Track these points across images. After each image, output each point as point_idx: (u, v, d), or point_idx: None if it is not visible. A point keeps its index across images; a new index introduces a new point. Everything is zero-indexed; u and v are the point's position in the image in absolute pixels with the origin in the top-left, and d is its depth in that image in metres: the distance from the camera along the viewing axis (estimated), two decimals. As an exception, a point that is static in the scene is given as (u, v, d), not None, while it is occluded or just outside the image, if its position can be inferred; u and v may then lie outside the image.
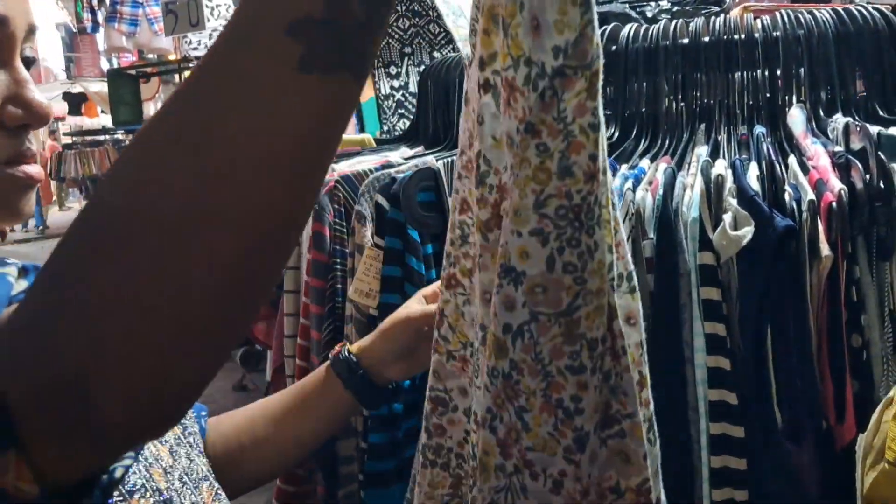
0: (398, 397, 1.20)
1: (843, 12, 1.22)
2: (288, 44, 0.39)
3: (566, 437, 0.65)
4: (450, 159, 1.28)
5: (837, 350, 1.02)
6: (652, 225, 1.05)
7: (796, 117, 1.18)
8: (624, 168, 1.13)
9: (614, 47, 1.29)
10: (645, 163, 1.16)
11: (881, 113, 1.17)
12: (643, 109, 1.27)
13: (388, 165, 1.38)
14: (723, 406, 1.02)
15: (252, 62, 0.39)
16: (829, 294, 1.02)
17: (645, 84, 1.27)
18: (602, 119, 0.59)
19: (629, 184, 1.06)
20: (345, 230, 1.34)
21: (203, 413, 0.92)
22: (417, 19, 2.30)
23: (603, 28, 1.31)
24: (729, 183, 1.03)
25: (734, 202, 1.01)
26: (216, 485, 0.81)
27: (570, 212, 0.59)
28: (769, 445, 1.01)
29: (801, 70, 1.21)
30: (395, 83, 2.29)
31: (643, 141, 1.25)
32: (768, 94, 1.23)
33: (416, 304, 1.02)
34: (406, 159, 1.45)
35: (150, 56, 8.07)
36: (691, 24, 1.26)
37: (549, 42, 0.54)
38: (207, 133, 0.39)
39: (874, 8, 1.22)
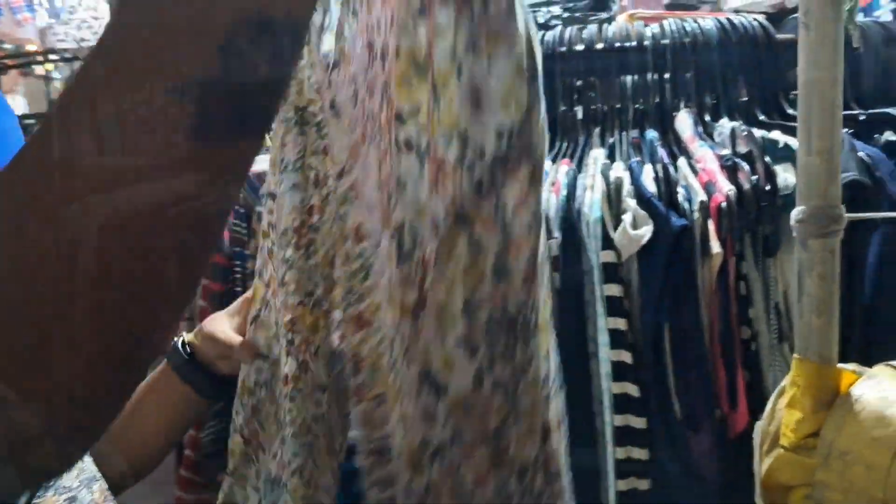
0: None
1: (725, 22, 1.29)
2: None
3: None
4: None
5: (728, 342, 1.08)
6: (556, 224, 1.09)
7: (684, 121, 1.24)
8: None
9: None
10: (546, 164, 1.19)
11: (761, 117, 1.25)
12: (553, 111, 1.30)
13: (289, 168, 1.36)
14: (626, 398, 1.06)
15: None
16: (720, 289, 1.09)
17: (553, 88, 1.31)
18: (542, 211, 0.51)
19: (534, 186, 1.09)
20: (245, 232, 1.32)
21: None
22: None
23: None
24: (627, 185, 1.08)
25: (633, 203, 1.05)
26: (105, 485, 0.79)
27: (505, 322, 0.50)
28: (669, 434, 1.06)
29: (688, 76, 1.28)
30: None
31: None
32: (657, 100, 1.29)
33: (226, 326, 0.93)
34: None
35: (8, 46, 7.63)
36: (585, 32, 1.30)
37: (492, 120, 0.46)
38: None
39: (753, 18, 1.30)
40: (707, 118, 1.26)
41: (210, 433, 1.29)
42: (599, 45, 1.29)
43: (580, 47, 1.30)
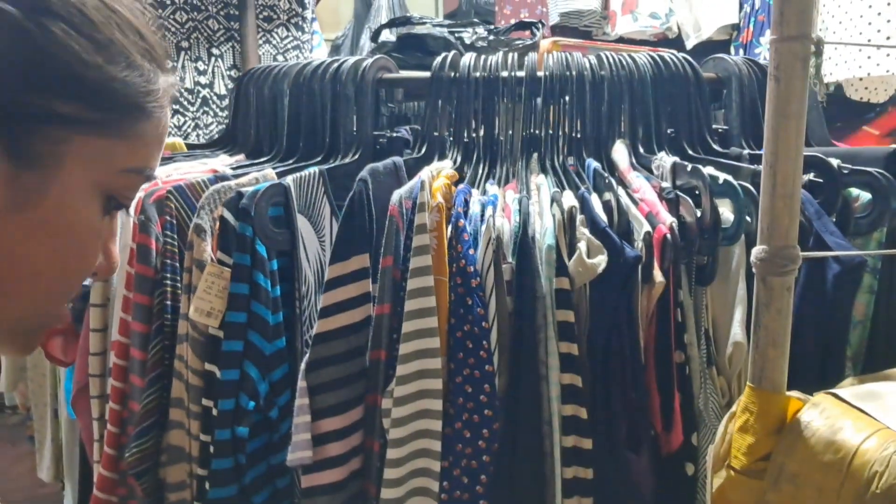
0: (242, 420, 1.16)
1: (658, 58, 1.36)
2: None
3: None
4: (297, 174, 1.25)
5: (666, 365, 1.14)
6: (510, 250, 1.11)
7: (620, 152, 1.30)
8: (477, 194, 1.18)
9: (455, 74, 1.34)
10: (493, 189, 1.22)
11: (689, 152, 1.32)
12: (482, 135, 1.32)
13: (222, 177, 1.32)
14: (574, 420, 1.10)
15: None
16: (658, 315, 1.14)
17: (483, 111, 1.33)
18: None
19: (489, 210, 1.11)
20: (176, 244, 1.27)
21: None
22: (195, 13, 2.23)
23: (444, 55, 1.36)
24: (579, 214, 1.11)
25: (587, 232, 1.09)
26: None
27: None
28: (613, 455, 1.10)
29: (623, 108, 1.33)
30: None
31: (482, 167, 1.31)
32: (593, 130, 1.34)
33: None
34: (234, 169, 1.40)
35: None
36: (527, 58, 1.34)
37: None
38: None
39: (683, 56, 1.37)
40: (640, 150, 1.32)
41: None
42: (540, 73, 1.33)
43: (521, 73, 1.33)
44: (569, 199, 1.13)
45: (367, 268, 1.09)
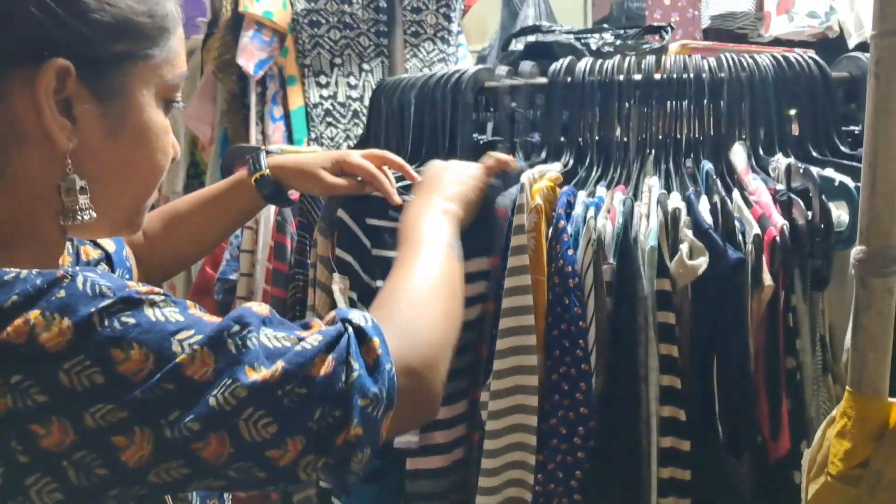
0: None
1: (781, 59, 1.32)
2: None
3: None
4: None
5: (775, 371, 1.11)
6: (612, 251, 1.12)
7: (738, 154, 1.28)
8: (583, 195, 1.20)
9: (570, 79, 1.36)
10: (601, 191, 1.23)
11: (814, 154, 1.28)
12: (596, 139, 1.34)
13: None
14: (673, 422, 1.09)
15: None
16: (768, 320, 1.12)
17: (598, 115, 1.35)
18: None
19: (591, 211, 1.13)
20: (307, 242, 1.37)
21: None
22: (348, 31, 2.35)
23: (561, 61, 1.38)
24: (684, 215, 1.11)
25: (690, 233, 1.09)
26: None
27: None
28: (712, 458, 1.09)
29: (743, 109, 1.31)
30: (325, 92, 2.32)
31: (595, 169, 1.32)
32: (712, 132, 1.32)
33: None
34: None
35: None
36: (644, 62, 1.34)
37: None
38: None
39: (809, 56, 1.33)
40: (760, 152, 1.29)
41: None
42: (657, 76, 1.33)
43: (638, 77, 1.34)
44: (674, 200, 1.13)
45: (485, 270, 1.14)
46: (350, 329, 0.71)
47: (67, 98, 0.68)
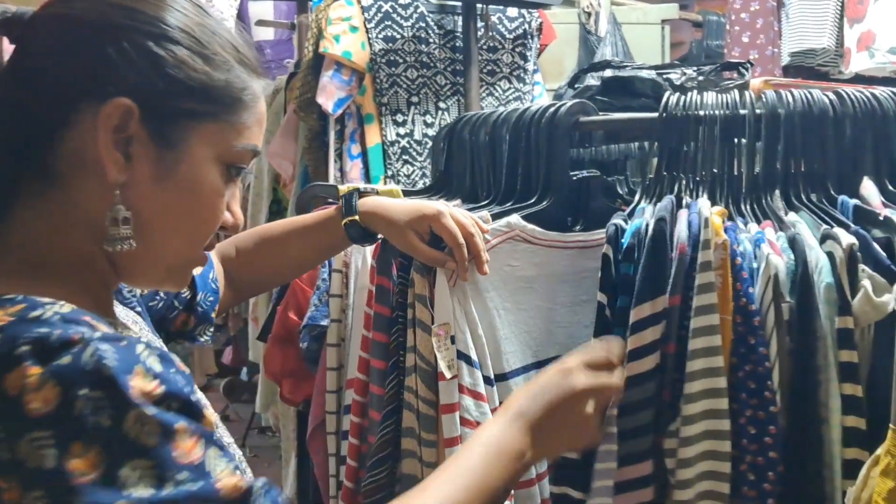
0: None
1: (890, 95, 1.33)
2: None
3: None
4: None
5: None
6: (787, 289, 1.09)
7: (870, 189, 1.27)
8: (743, 232, 1.16)
9: (687, 112, 1.33)
10: (752, 227, 1.20)
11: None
12: (723, 173, 1.31)
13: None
14: (858, 465, 1.06)
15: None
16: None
17: (720, 149, 1.32)
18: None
19: (765, 248, 1.10)
20: (406, 282, 1.30)
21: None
22: (425, 70, 2.35)
23: (670, 93, 1.36)
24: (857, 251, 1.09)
25: (870, 270, 1.07)
26: None
27: None
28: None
29: (867, 144, 1.31)
30: (402, 130, 2.30)
31: (723, 204, 1.30)
32: (833, 166, 1.31)
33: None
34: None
35: None
36: (764, 97, 1.33)
37: None
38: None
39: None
40: (889, 187, 1.29)
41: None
42: (780, 111, 1.32)
43: (761, 111, 1.32)
44: (846, 236, 1.11)
45: (658, 312, 1.08)
46: None
47: (128, 136, 0.71)
